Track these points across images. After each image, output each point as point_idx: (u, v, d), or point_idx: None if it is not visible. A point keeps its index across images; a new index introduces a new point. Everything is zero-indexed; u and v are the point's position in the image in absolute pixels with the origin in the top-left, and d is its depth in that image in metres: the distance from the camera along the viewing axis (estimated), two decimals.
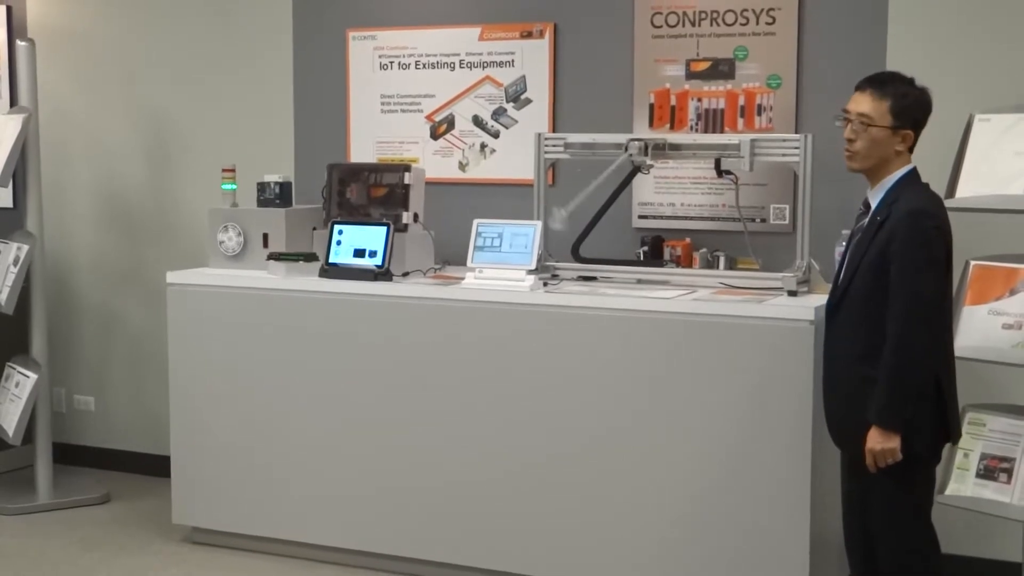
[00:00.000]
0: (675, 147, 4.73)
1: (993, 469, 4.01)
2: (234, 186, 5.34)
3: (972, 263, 4.15)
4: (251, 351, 4.99)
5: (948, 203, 4.10)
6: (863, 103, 3.66)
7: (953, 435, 3.74)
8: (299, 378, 4.92)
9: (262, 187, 5.26)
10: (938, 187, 4.13)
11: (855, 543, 3.83)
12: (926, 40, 4.68)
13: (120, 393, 6.32)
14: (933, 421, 3.63)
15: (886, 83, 3.68)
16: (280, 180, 5.26)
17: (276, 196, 5.23)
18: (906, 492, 3.65)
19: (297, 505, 4.97)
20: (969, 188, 4.09)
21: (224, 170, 5.36)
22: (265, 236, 5.16)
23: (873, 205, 3.69)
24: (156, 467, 5.93)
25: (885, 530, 3.69)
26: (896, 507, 3.66)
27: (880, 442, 3.54)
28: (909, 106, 3.65)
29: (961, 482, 4.05)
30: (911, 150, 3.70)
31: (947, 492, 4.06)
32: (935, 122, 4.50)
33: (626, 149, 4.71)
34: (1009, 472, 3.97)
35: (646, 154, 4.70)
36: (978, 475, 4.03)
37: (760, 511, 4.25)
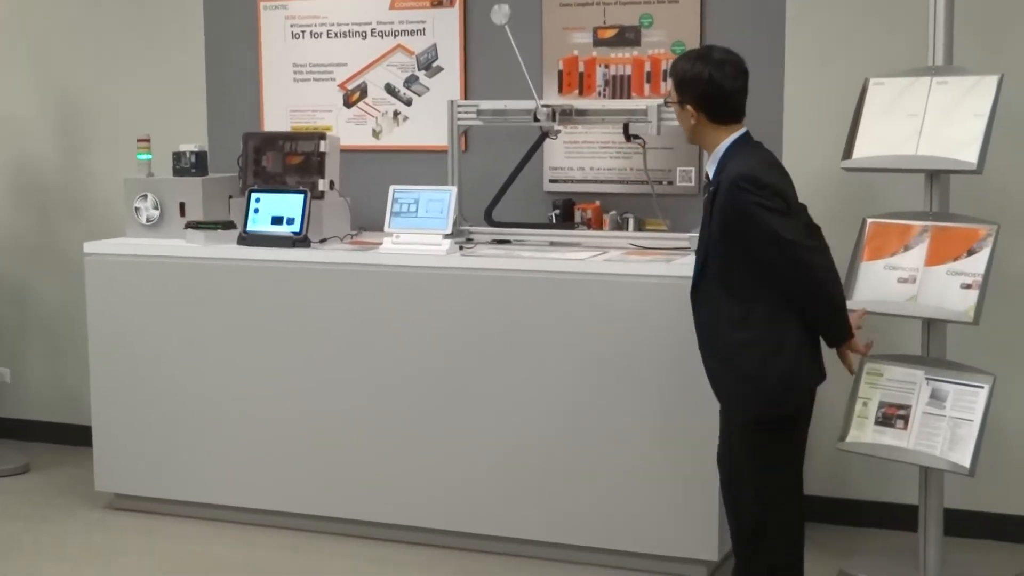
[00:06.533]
0: (583, 113, 4.86)
1: (891, 416, 4.19)
2: (149, 156, 5.36)
3: (869, 220, 4.33)
4: (170, 319, 5.03)
5: (845, 164, 4.29)
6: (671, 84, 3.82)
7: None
8: (219, 344, 4.97)
9: (178, 156, 5.29)
10: (837, 148, 4.31)
11: (729, 503, 3.92)
12: (824, 7, 4.83)
13: (37, 364, 6.30)
14: (804, 368, 3.72)
15: (675, 63, 3.81)
16: (196, 149, 5.29)
17: (192, 165, 5.27)
18: (770, 442, 3.75)
19: (218, 469, 5.04)
20: (865, 149, 4.26)
21: (139, 140, 5.37)
22: (182, 205, 5.20)
23: (711, 176, 3.77)
24: (75, 437, 5.96)
25: (748, 476, 3.80)
26: (759, 456, 3.76)
27: (852, 350, 3.77)
28: (682, 82, 3.74)
29: (860, 429, 4.23)
30: (731, 120, 3.73)
31: (847, 440, 4.25)
32: (833, 86, 4.69)
33: (535, 116, 4.82)
34: (905, 419, 4.16)
35: (555, 120, 4.82)
36: (876, 423, 4.21)
37: (671, 463, 4.39)
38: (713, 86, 3.69)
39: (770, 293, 3.63)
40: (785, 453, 3.78)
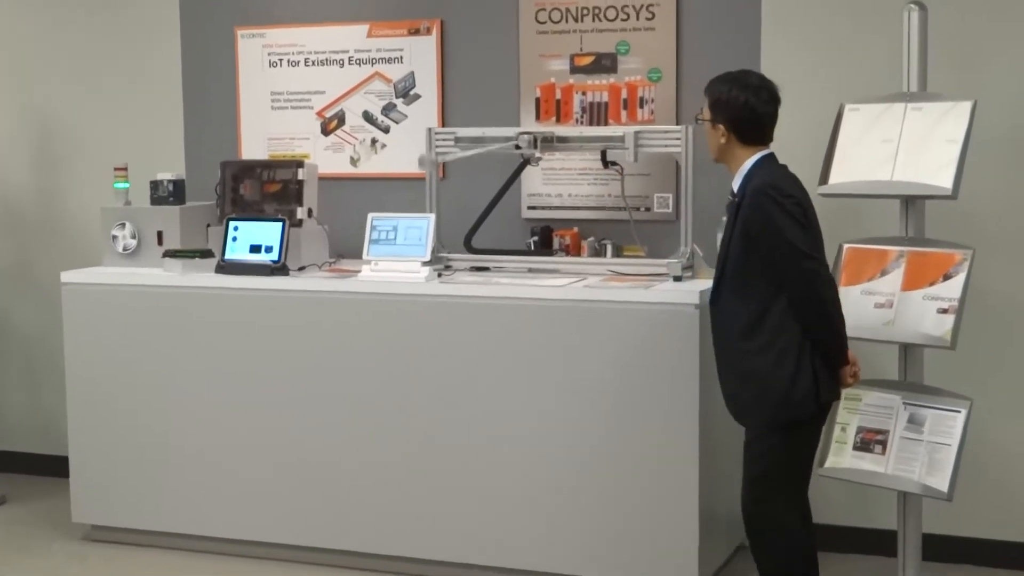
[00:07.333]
0: (563, 140, 4.87)
1: (869, 441, 4.20)
2: (127, 184, 5.36)
3: (845, 246, 4.35)
4: (149, 348, 5.02)
5: (821, 189, 4.31)
6: (705, 102, 3.94)
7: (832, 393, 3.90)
8: (197, 373, 4.96)
9: (155, 185, 5.29)
10: (813, 174, 4.33)
11: None
12: (798, 34, 4.87)
13: (13, 394, 6.27)
14: (810, 377, 3.77)
15: (712, 84, 3.94)
16: (173, 178, 5.30)
17: (169, 194, 5.27)
18: (773, 451, 3.82)
19: (197, 499, 5.01)
20: (841, 174, 4.29)
21: (116, 169, 5.37)
22: (159, 234, 5.19)
23: (736, 190, 3.89)
24: (51, 468, 5.92)
25: (749, 478, 3.86)
26: (762, 461, 3.83)
27: (850, 366, 3.85)
28: (717, 103, 3.88)
29: (839, 455, 4.24)
30: (759, 142, 3.87)
31: (826, 465, 4.25)
32: (808, 112, 4.71)
33: (516, 144, 4.83)
34: (884, 444, 4.17)
35: (535, 147, 4.83)
36: (855, 448, 4.23)
37: (651, 488, 4.40)
38: (748, 111, 3.84)
39: (782, 304, 3.71)
40: (788, 463, 3.82)
